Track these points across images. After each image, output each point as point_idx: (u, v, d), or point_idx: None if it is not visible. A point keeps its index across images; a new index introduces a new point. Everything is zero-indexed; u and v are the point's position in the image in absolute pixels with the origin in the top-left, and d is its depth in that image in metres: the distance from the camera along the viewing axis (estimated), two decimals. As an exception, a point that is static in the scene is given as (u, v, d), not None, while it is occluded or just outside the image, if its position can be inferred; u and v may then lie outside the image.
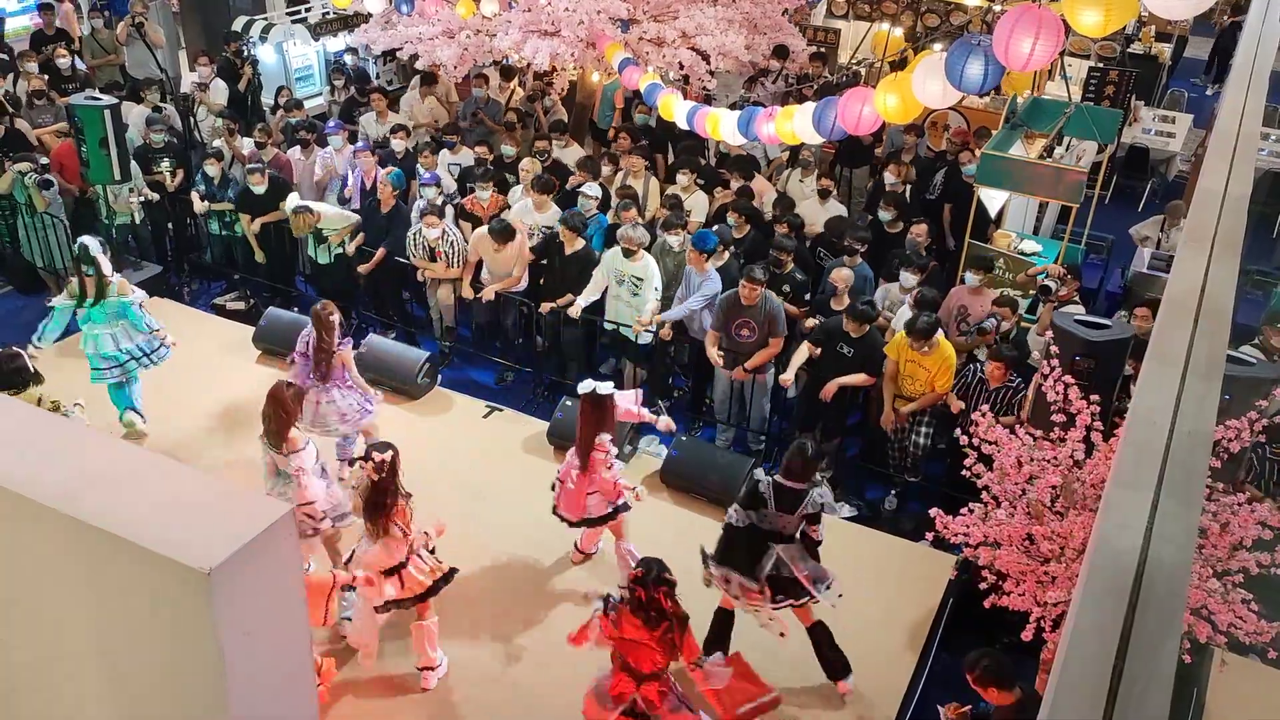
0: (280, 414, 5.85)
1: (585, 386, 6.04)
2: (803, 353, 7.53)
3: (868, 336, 7.37)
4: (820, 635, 5.73)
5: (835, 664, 5.79)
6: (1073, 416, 5.05)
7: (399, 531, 5.40)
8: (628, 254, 7.95)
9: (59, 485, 3.00)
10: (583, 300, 8.16)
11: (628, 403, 6.30)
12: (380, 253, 8.89)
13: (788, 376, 7.48)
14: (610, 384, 6.14)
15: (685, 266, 8.06)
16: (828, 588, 5.51)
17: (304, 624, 3.26)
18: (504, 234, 8.37)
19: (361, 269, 9.06)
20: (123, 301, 7.23)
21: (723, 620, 5.83)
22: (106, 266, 7.22)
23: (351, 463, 5.57)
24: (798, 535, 5.52)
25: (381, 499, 5.33)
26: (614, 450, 6.09)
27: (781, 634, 5.56)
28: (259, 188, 9.30)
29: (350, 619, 5.78)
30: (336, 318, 6.75)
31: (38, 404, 6.30)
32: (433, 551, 5.63)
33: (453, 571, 5.65)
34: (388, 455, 5.35)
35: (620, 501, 6.16)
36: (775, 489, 5.42)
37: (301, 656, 3.27)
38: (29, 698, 3.62)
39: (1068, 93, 10.00)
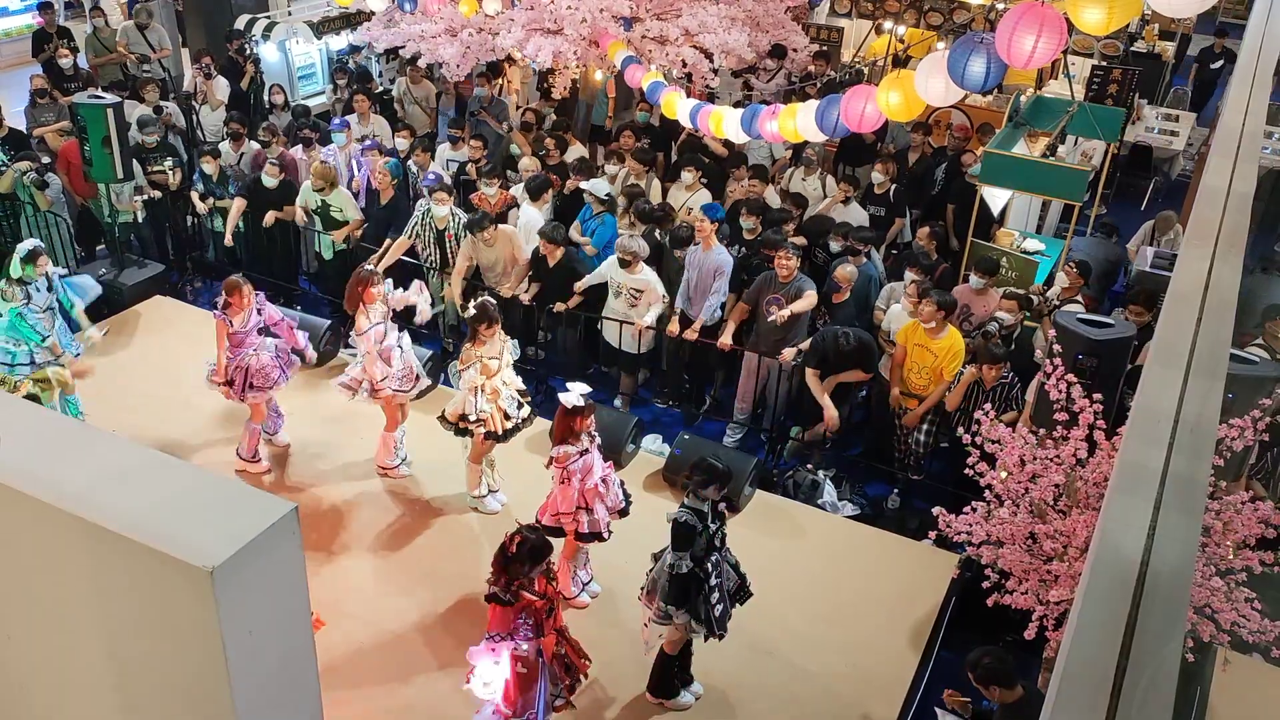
0: (350, 290, 6.81)
1: (569, 398, 5.77)
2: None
3: (864, 336, 7.41)
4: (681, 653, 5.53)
5: (664, 682, 5.59)
6: (1075, 415, 5.04)
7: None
8: (624, 264, 7.91)
9: (59, 482, 2.99)
10: (585, 282, 8.21)
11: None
12: (398, 243, 8.73)
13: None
14: (579, 396, 5.81)
15: (685, 263, 8.11)
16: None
17: (308, 623, 3.26)
18: (479, 224, 8.23)
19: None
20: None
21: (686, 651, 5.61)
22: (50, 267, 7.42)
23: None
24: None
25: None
26: (575, 461, 5.81)
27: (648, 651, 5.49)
28: (271, 180, 9.33)
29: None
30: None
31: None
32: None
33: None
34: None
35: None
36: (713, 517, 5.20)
37: (306, 656, 3.26)
38: (30, 696, 3.62)
39: (1070, 91, 9.97)
